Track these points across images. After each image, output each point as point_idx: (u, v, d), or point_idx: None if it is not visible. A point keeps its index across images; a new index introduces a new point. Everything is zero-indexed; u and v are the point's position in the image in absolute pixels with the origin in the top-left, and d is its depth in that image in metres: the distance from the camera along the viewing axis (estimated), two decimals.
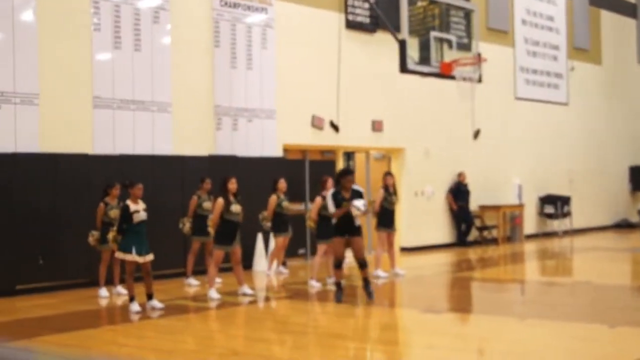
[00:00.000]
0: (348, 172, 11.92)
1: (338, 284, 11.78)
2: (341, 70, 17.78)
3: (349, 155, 20.93)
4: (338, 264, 11.73)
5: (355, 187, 11.75)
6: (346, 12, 18.08)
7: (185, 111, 15.06)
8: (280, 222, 14.65)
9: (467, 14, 17.25)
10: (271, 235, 15.11)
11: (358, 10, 18.34)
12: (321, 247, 13.47)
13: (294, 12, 17.10)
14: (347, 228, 11.56)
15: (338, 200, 11.56)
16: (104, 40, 13.95)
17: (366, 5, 18.39)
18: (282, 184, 14.73)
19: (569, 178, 24.60)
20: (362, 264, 11.68)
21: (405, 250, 19.13)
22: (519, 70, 23.27)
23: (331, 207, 11.63)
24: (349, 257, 12.35)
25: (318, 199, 13.44)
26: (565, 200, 23.71)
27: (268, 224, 14.63)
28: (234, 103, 15.84)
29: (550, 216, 23.61)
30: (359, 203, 11.33)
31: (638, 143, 28.23)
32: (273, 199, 14.61)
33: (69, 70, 13.53)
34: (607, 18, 27.32)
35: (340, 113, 17.76)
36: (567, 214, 23.83)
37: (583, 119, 25.73)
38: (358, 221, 11.58)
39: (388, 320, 11.08)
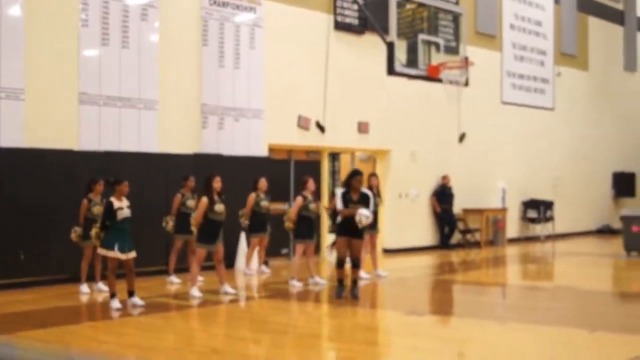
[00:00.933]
0: (358, 172, 12.16)
1: (340, 281, 12.04)
2: (329, 71, 17.81)
3: (335, 156, 20.96)
4: (340, 264, 12.00)
5: (365, 190, 11.98)
6: (335, 13, 18.10)
7: (171, 109, 15.05)
8: (258, 221, 14.71)
9: (456, 18, 17.33)
10: (244, 234, 15.18)
11: (347, 12, 18.37)
12: (299, 247, 13.51)
13: (283, 12, 17.11)
14: (351, 229, 11.73)
15: (346, 200, 11.81)
16: (91, 37, 13.92)
17: (355, 6, 18.41)
18: (263, 183, 14.80)
19: (553, 183, 24.71)
20: (355, 264, 11.97)
21: (387, 251, 19.18)
22: (505, 74, 23.36)
23: (339, 205, 11.83)
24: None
25: (299, 199, 13.49)
26: (548, 205, 23.82)
27: (246, 222, 14.70)
28: (221, 102, 15.84)
29: (532, 220, 23.72)
30: (366, 212, 11.51)
31: (622, 149, 28.40)
32: (252, 197, 14.68)
33: (56, 66, 13.50)
34: (595, 24, 27.48)
35: (326, 114, 17.79)
36: (549, 219, 23.95)
37: (569, 125, 25.85)
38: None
39: (369, 322, 11.11)
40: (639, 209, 20.60)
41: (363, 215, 11.51)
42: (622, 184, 27.96)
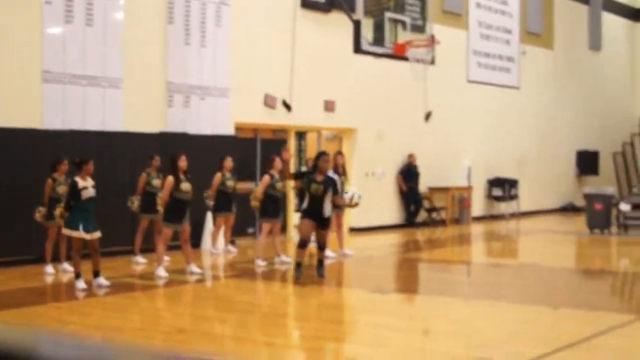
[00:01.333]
0: (325, 153, 12.06)
1: (298, 264, 11.71)
2: (295, 49, 17.76)
3: (301, 135, 20.96)
4: (303, 244, 11.73)
5: (331, 175, 11.79)
6: None
7: (137, 87, 14.94)
8: (224, 200, 14.70)
9: None
10: (210, 214, 15.17)
11: None
12: (266, 226, 13.50)
13: None
14: (318, 216, 11.55)
15: (309, 180, 11.61)
16: (55, 14, 13.75)
17: None
18: (228, 162, 14.77)
19: (517, 162, 24.90)
20: (321, 247, 11.87)
21: (354, 230, 19.24)
22: (471, 53, 23.44)
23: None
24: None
25: (266, 177, 13.48)
26: (513, 184, 24.03)
27: (211, 202, 14.68)
28: (187, 80, 15.75)
29: (497, 199, 23.91)
30: (358, 192, 11.72)
31: (586, 128, 28.68)
32: (217, 176, 14.66)
33: (18, 43, 13.31)
34: (560, 3, 27.63)
35: (293, 92, 17.76)
36: (514, 197, 24.15)
37: (533, 103, 26.03)
38: (328, 212, 11.61)
39: (335, 300, 11.18)
40: (601, 187, 20.84)
41: (356, 194, 11.55)
42: (586, 162, 28.24)
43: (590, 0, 29.17)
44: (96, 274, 11.01)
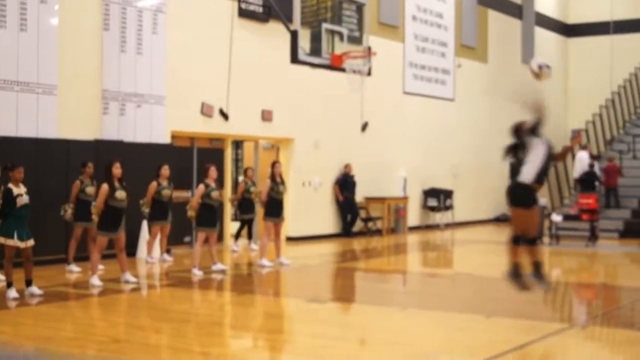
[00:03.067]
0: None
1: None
2: (232, 58, 17.71)
3: (238, 144, 20.91)
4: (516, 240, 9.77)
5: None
6: (239, 1, 18.00)
7: (71, 94, 14.73)
8: (160, 209, 14.59)
9: (359, 8, 17.41)
10: (146, 222, 15.04)
11: None
12: (201, 235, 13.44)
13: None
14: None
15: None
16: None
17: None
18: (165, 170, 14.68)
19: (452, 172, 25.19)
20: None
21: (291, 239, 19.24)
22: (407, 65, 23.68)
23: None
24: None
25: (201, 187, 13.43)
26: (448, 194, 24.30)
27: (146, 210, 14.55)
28: (123, 88, 15.58)
29: (433, 209, 24.15)
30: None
31: None
32: (153, 185, 14.55)
33: None
34: (494, 17, 28.08)
35: (230, 101, 17.71)
36: (449, 207, 24.42)
37: (468, 115, 26.38)
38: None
39: (272, 309, 11.14)
40: None
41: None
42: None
43: (524, 15, 29.73)
44: (29, 282, 10.82)
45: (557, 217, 19.66)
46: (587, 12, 32.58)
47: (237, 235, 17.32)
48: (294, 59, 14.45)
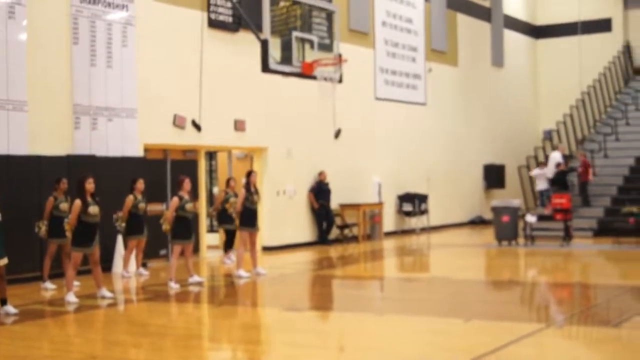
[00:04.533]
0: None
1: None
2: (203, 69, 17.68)
3: (212, 155, 20.86)
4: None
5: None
6: (209, 11, 17.98)
7: (42, 110, 14.64)
8: (135, 223, 14.52)
9: (329, 15, 17.44)
10: (121, 237, 14.96)
11: (220, 9, 18.28)
12: (177, 248, 13.41)
13: (156, 10, 16.89)
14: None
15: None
16: None
17: (229, 4, 18.34)
18: (140, 184, 14.63)
19: (426, 177, 25.27)
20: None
21: (267, 249, 19.21)
22: (378, 71, 23.75)
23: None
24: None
25: (175, 199, 13.38)
26: (423, 199, 24.36)
27: (122, 225, 14.46)
28: (94, 102, 15.51)
29: (408, 214, 24.21)
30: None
31: (492, 142, 29.33)
32: (129, 199, 14.48)
33: None
34: (463, 21, 28.24)
35: (202, 112, 17.67)
36: (424, 212, 24.49)
37: (440, 119, 26.50)
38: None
39: (249, 320, 11.13)
40: (508, 200, 21.33)
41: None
42: (493, 176, 28.83)
43: (492, 18, 29.94)
44: (3, 301, 10.73)
45: (531, 218, 19.78)
46: (555, 13, 32.87)
47: (227, 247, 17.19)
48: (265, 68, 14.45)
